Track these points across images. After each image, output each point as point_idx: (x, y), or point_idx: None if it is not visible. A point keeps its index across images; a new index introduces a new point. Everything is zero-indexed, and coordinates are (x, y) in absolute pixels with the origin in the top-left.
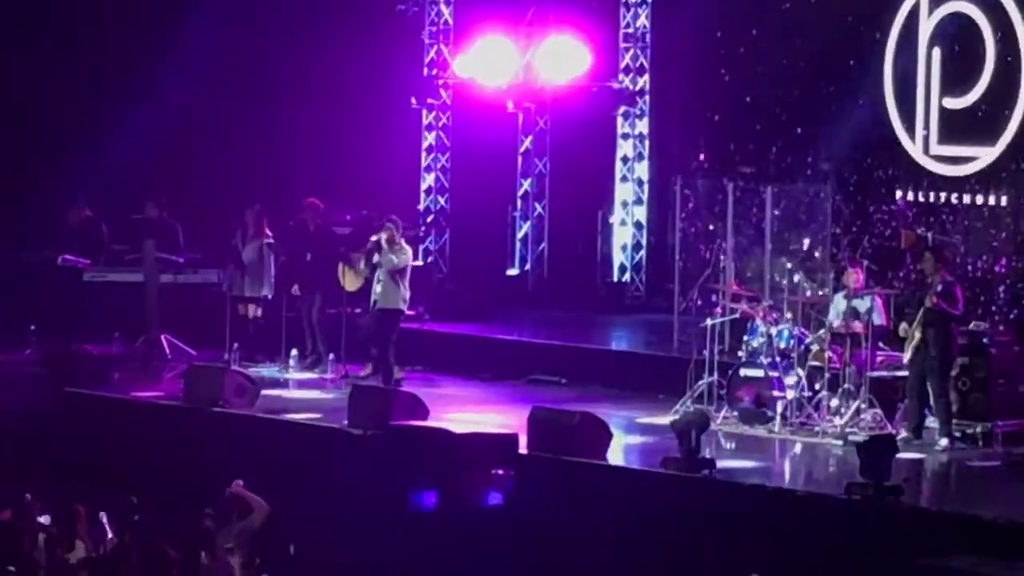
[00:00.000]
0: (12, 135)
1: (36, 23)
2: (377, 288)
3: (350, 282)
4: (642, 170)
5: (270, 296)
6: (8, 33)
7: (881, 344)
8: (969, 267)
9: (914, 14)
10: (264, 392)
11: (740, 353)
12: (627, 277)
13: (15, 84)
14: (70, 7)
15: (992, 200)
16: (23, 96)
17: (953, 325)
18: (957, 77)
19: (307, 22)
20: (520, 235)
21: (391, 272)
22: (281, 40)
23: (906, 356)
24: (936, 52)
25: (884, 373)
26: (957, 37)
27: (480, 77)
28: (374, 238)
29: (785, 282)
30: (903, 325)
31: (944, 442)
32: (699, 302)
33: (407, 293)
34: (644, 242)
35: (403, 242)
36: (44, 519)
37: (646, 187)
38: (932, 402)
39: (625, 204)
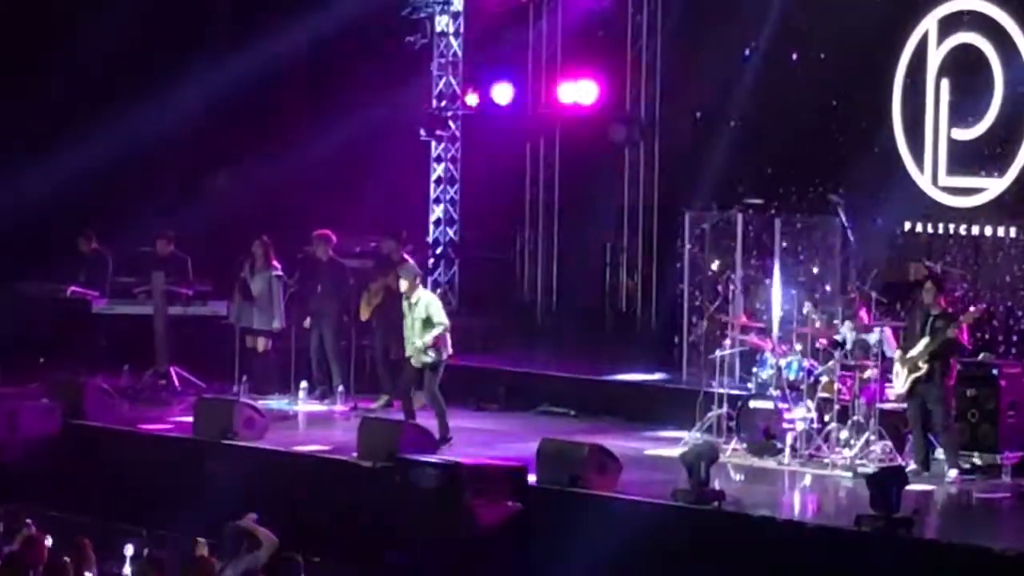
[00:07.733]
0: (26, 164)
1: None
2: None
3: (364, 311)
4: (651, 200)
5: (279, 328)
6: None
7: (891, 376)
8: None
9: (922, 45)
10: (273, 424)
11: (749, 385)
12: (637, 308)
13: (29, 114)
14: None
15: (1001, 232)
16: (36, 125)
17: (954, 357)
18: (966, 108)
19: (317, 54)
20: (529, 266)
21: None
22: (291, 71)
23: (899, 386)
24: (944, 83)
25: (894, 405)
26: (965, 68)
27: (489, 108)
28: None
29: (794, 313)
30: (897, 352)
31: (953, 474)
32: (711, 333)
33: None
34: (653, 273)
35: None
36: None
37: (655, 217)
38: (939, 433)
39: (634, 234)
